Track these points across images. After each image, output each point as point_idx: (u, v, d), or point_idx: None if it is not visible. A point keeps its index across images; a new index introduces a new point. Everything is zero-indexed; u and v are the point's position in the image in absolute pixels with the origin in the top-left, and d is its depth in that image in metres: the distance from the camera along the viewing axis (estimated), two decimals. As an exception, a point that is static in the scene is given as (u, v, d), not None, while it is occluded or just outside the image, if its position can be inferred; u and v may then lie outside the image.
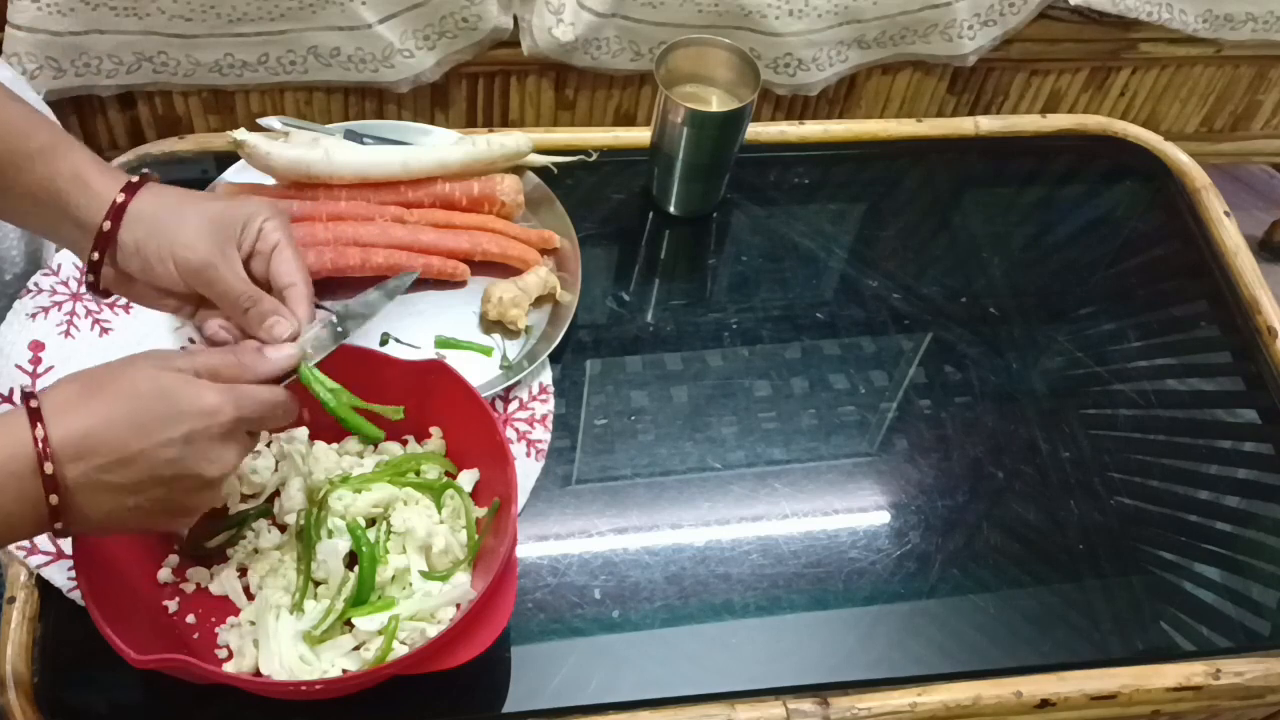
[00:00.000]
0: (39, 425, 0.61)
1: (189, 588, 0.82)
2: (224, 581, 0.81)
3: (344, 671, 0.76)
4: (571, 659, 0.83)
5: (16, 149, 0.72)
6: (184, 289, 0.74)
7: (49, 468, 0.60)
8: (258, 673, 0.77)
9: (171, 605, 0.81)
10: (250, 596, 0.81)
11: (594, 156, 1.08)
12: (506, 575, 0.76)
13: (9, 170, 0.72)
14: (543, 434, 0.93)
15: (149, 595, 0.81)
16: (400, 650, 0.77)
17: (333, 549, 0.80)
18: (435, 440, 0.87)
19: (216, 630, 0.80)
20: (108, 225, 0.72)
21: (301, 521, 0.82)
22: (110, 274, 0.75)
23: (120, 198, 0.72)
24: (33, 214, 0.75)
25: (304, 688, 0.75)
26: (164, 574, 0.82)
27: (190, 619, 0.80)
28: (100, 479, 0.62)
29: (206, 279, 0.73)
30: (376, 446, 0.88)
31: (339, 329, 0.76)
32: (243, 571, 0.82)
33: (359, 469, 0.86)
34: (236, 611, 0.81)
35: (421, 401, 0.85)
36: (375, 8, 1.35)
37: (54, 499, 0.61)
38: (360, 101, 1.47)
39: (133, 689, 0.79)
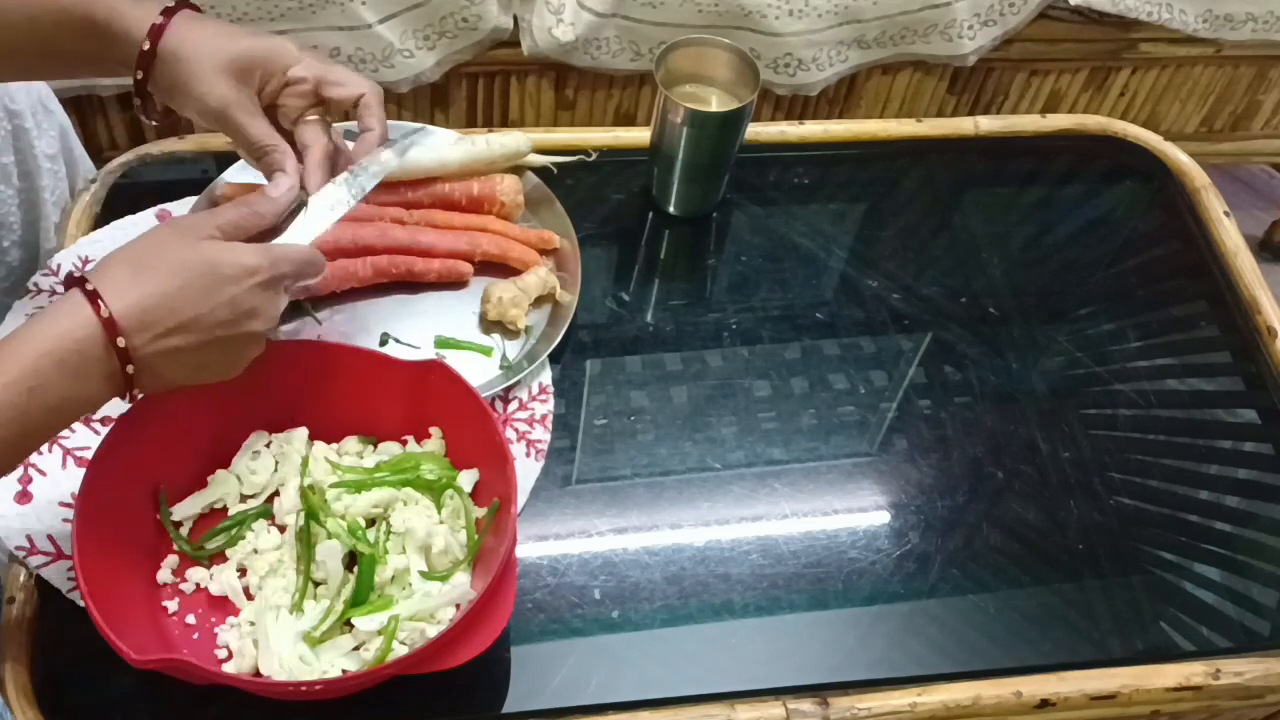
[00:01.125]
0: (101, 305, 0.66)
1: (189, 588, 0.82)
2: (224, 582, 0.81)
3: (344, 671, 0.76)
4: (571, 659, 0.83)
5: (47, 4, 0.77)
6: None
7: (121, 341, 0.67)
8: (257, 673, 0.77)
9: (171, 605, 0.81)
10: (250, 597, 0.81)
11: (594, 156, 1.08)
12: (506, 575, 0.76)
13: (47, 25, 0.77)
14: (542, 434, 0.93)
15: (149, 595, 0.81)
16: (400, 650, 0.77)
17: (332, 549, 0.80)
18: (435, 440, 0.87)
19: (216, 630, 0.80)
20: (147, 44, 0.77)
21: (301, 522, 0.82)
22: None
23: (159, 20, 0.77)
24: (77, 62, 0.82)
25: (304, 688, 0.75)
26: (164, 574, 0.82)
27: (190, 619, 0.81)
28: (164, 345, 0.69)
29: (223, 126, 0.80)
30: (376, 446, 0.88)
31: (353, 191, 0.81)
32: (242, 572, 0.82)
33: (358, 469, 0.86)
34: (236, 612, 0.81)
35: (421, 401, 0.85)
36: (375, 8, 1.35)
37: (130, 369, 0.68)
38: (360, 101, 1.47)
39: (133, 689, 0.79)
